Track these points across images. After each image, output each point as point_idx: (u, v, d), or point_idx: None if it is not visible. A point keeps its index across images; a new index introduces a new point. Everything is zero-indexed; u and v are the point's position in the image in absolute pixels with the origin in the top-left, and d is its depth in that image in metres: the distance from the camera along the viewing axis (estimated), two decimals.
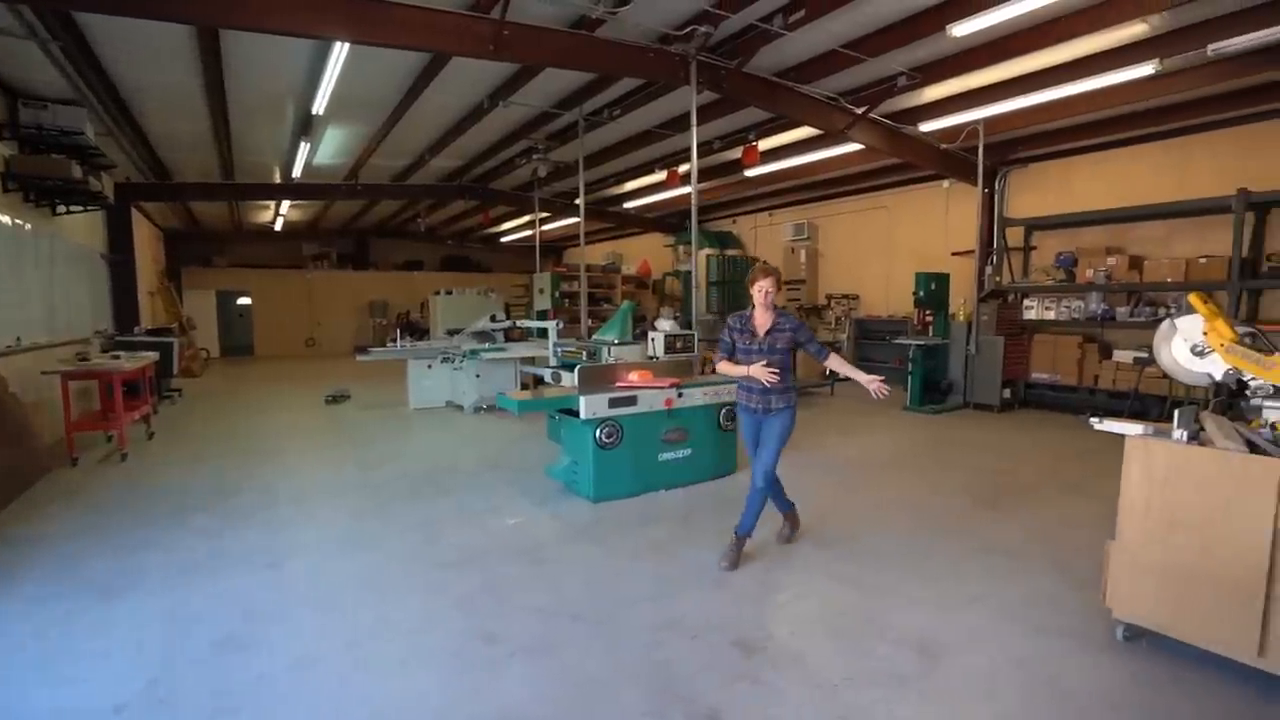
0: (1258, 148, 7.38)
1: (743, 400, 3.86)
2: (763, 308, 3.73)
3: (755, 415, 3.80)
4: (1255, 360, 2.69)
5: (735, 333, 3.81)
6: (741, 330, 3.80)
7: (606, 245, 19.12)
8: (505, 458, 6.29)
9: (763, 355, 3.70)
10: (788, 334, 3.74)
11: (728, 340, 3.85)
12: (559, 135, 9.78)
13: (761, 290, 3.69)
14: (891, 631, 2.97)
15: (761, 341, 3.72)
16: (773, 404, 3.73)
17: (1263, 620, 2.45)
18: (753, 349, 3.72)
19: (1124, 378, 7.96)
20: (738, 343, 3.80)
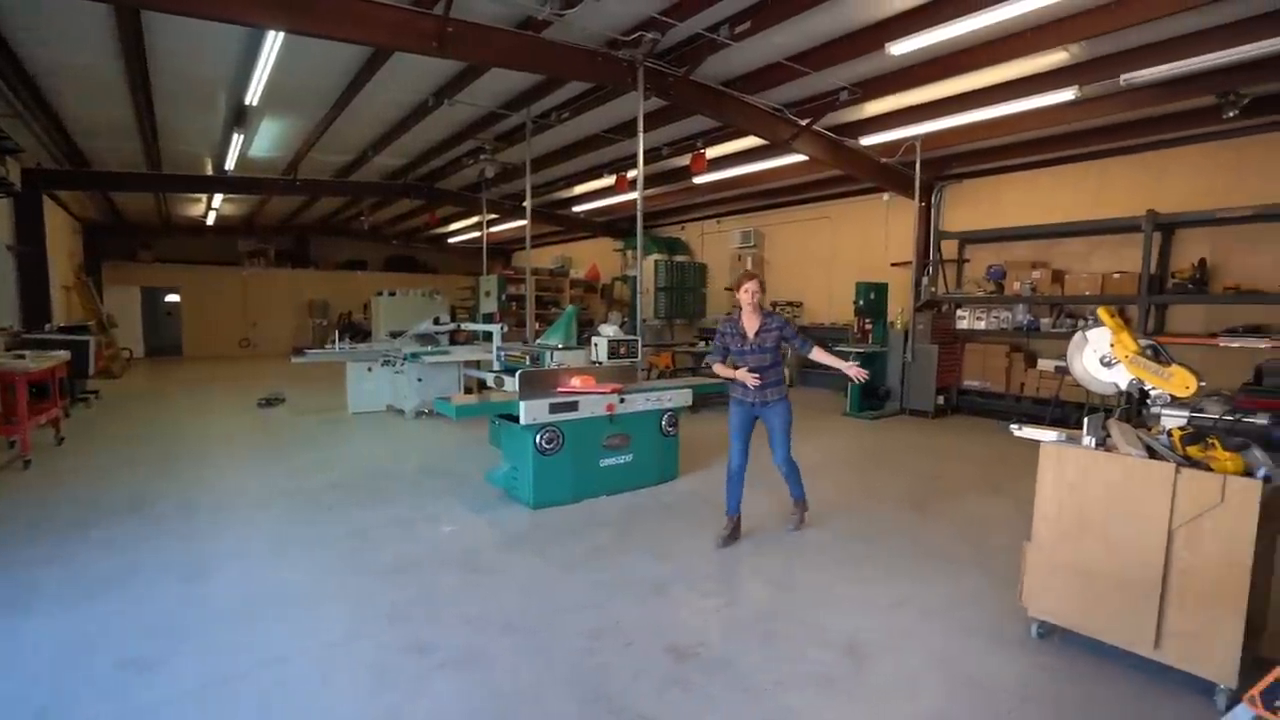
0: (1165, 172, 7.91)
1: (737, 395, 4.18)
2: (750, 309, 4.08)
3: (750, 408, 4.15)
4: (1154, 371, 2.86)
5: (727, 337, 4.15)
6: (732, 334, 4.13)
7: (556, 249, 19.00)
8: (445, 464, 6.15)
9: (754, 354, 4.05)
10: (775, 332, 4.08)
11: (720, 344, 4.19)
12: (507, 136, 9.67)
13: (749, 292, 4.03)
14: (822, 634, 3.02)
15: (751, 342, 4.06)
16: (769, 396, 4.10)
17: (1158, 615, 2.60)
18: (745, 350, 4.06)
19: (1046, 385, 8.38)
20: (730, 346, 4.13)
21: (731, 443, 4.23)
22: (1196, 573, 2.52)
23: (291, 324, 19.54)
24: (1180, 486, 2.53)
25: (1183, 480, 2.53)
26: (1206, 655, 2.51)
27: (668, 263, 13.32)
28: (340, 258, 20.99)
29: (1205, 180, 7.58)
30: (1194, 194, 7.54)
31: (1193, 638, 2.54)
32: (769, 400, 4.10)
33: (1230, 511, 2.43)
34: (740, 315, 4.16)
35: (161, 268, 17.98)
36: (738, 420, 4.19)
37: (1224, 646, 2.46)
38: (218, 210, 15.42)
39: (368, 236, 19.78)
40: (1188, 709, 2.50)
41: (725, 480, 4.24)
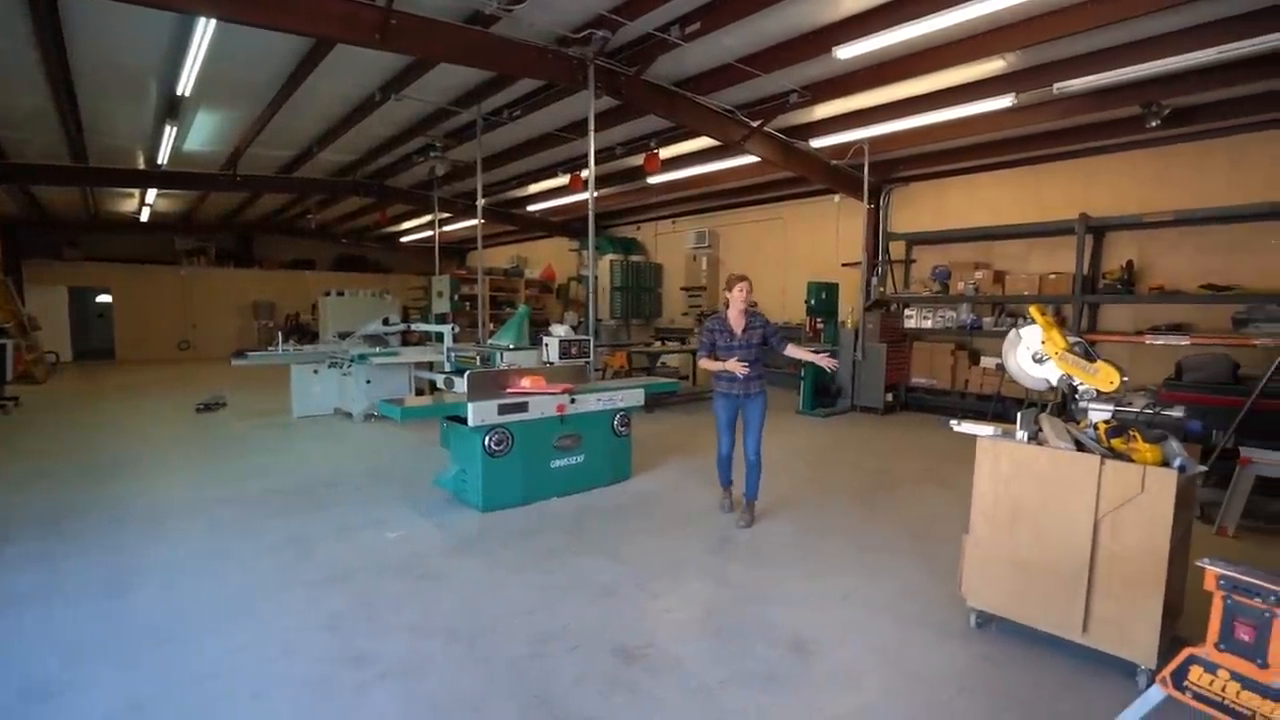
0: (1096, 178, 8.28)
1: (723, 389, 4.51)
2: (739, 309, 4.45)
3: (736, 399, 4.49)
4: (1082, 367, 2.98)
5: (715, 333, 4.48)
6: (720, 331, 4.47)
7: (511, 248, 18.78)
8: (394, 468, 5.99)
9: (741, 350, 4.40)
10: (759, 331, 4.47)
11: (708, 340, 4.50)
12: (458, 134, 9.50)
13: (743, 291, 4.44)
14: (770, 631, 3.04)
15: (739, 339, 4.42)
16: (752, 389, 4.47)
17: (1086, 602, 2.70)
18: (734, 345, 4.41)
19: (989, 382, 8.66)
20: (718, 341, 4.46)
21: (720, 433, 4.60)
22: (1120, 560, 2.63)
23: (235, 325, 18.78)
24: (1105, 478, 2.64)
25: (1107, 472, 2.63)
26: (1129, 638, 2.62)
27: (623, 263, 13.31)
28: (287, 257, 20.28)
29: (1131, 186, 7.96)
30: (1122, 199, 7.92)
31: (1116, 622, 2.65)
32: (752, 392, 4.46)
33: (1150, 500, 2.54)
34: (727, 313, 4.50)
35: (90, 266, 17.03)
36: (725, 413, 4.54)
37: (1144, 629, 2.58)
38: (151, 206, 14.69)
39: (316, 235, 19.17)
40: (1112, 690, 2.60)
41: (716, 465, 4.72)
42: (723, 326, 4.47)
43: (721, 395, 4.54)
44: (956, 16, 5.15)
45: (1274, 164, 7.05)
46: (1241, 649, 1.42)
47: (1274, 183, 6.93)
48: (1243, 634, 1.42)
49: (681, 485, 5.46)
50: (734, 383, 4.43)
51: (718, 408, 4.59)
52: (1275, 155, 7.05)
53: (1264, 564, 3.87)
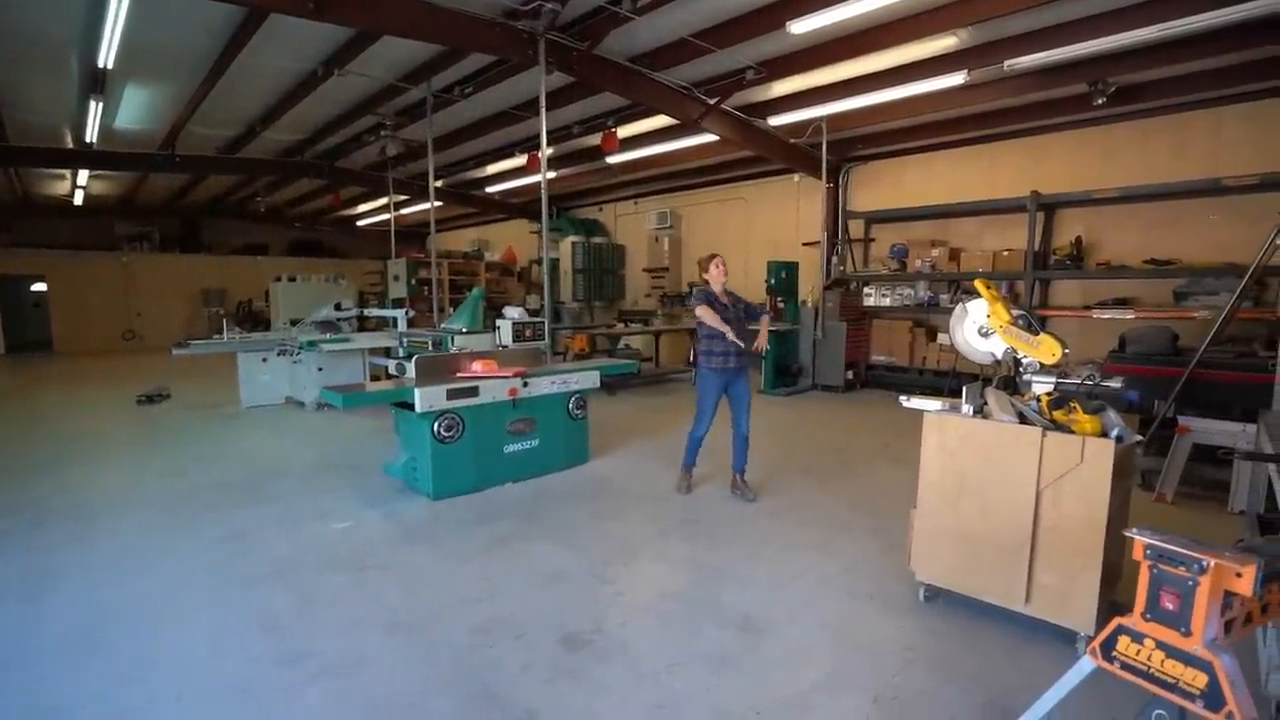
0: (1047, 155, 8.40)
1: (717, 364, 4.44)
2: (720, 286, 4.50)
3: (726, 375, 4.45)
4: (1026, 340, 2.99)
5: (711, 297, 4.46)
6: (713, 300, 4.46)
7: (472, 231, 18.40)
8: (345, 457, 5.81)
9: (735, 321, 4.41)
10: (743, 304, 4.61)
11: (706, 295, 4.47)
12: (409, 112, 9.19)
13: (718, 268, 4.50)
14: (721, 612, 3.02)
15: (729, 311, 4.45)
16: (743, 362, 4.49)
17: (1028, 571, 2.73)
18: (728, 317, 4.39)
19: (946, 358, 8.81)
20: (715, 306, 4.42)
21: (704, 410, 4.53)
22: (1060, 529, 2.66)
23: (183, 313, 18.04)
24: (1046, 449, 2.65)
25: (1048, 443, 2.65)
26: (1069, 606, 2.66)
27: (585, 245, 13.13)
28: (237, 241, 19.54)
29: (1080, 164, 8.10)
30: (1071, 176, 8.05)
31: (1057, 591, 2.68)
32: (743, 365, 4.48)
33: (1088, 470, 2.57)
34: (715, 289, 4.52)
35: (21, 253, 16.10)
36: (715, 388, 4.49)
37: (1083, 597, 2.61)
38: (85, 188, 13.95)
39: (267, 219, 18.52)
40: (1053, 658, 2.64)
41: (687, 445, 4.69)
42: (715, 299, 4.47)
43: (714, 372, 4.46)
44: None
45: (1212, 142, 7.23)
46: (1166, 617, 1.42)
47: (1213, 160, 7.11)
48: (1168, 602, 1.41)
49: (639, 468, 5.41)
50: (727, 357, 4.40)
51: (707, 386, 4.51)
52: (1213, 133, 7.23)
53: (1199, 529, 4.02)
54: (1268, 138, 6.79)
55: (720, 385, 4.48)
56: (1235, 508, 4.38)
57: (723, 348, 4.40)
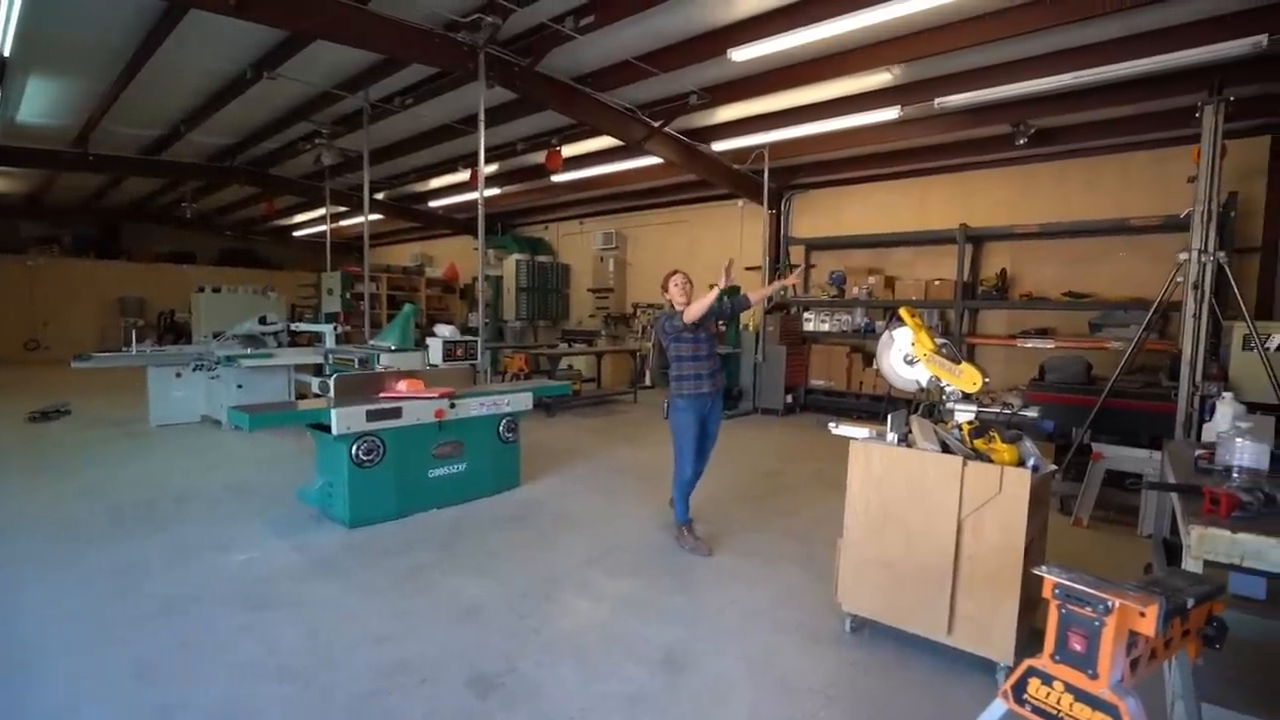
0: (975, 190, 8.77)
1: (690, 391, 3.94)
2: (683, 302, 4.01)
3: (703, 402, 3.98)
4: (948, 368, 3.02)
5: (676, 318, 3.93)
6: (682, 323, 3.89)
7: (414, 246, 17.96)
8: (260, 481, 5.44)
9: (707, 343, 4.02)
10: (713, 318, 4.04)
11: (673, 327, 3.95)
12: (347, 121, 8.91)
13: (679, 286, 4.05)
14: (642, 647, 2.89)
15: (700, 330, 3.96)
16: (718, 386, 4.09)
17: (950, 602, 2.72)
18: (700, 338, 3.97)
19: (882, 383, 8.98)
20: (684, 334, 3.94)
21: (683, 451, 4.03)
22: (980, 559, 2.66)
23: (97, 323, 16.84)
24: (967, 478, 2.66)
25: (969, 473, 2.65)
26: (989, 636, 2.65)
27: (529, 263, 12.96)
28: (162, 248, 18.49)
29: (1004, 199, 8.49)
30: (996, 211, 8.43)
31: (978, 621, 2.67)
32: (719, 390, 4.10)
33: (1007, 500, 2.58)
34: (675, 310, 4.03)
35: None
36: (693, 421, 3.99)
37: (1003, 627, 2.61)
38: None
39: (196, 226, 17.55)
40: (972, 689, 2.62)
41: (678, 494, 4.10)
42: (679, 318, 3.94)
43: (689, 401, 3.96)
44: (845, 25, 5.25)
45: (1121, 184, 7.71)
46: (1075, 659, 1.39)
47: (1121, 200, 7.57)
48: (1075, 644, 1.38)
49: (571, 493, 5.26)
50: (701, 380, 3.94)
51: (684, 422, 3.97)
52: (1122, 175, 7.71)
53: (1113, 552, 4.13)
54: (1169, 182, 7.24)
55: (699, 416, 3.99)
56: (1144, 531, 4.55)
57: (695, 370, 3.94)
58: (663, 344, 4.08)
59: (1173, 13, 5.14)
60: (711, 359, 4.05)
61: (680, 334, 3.96)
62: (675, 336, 3.98)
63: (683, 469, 4.07)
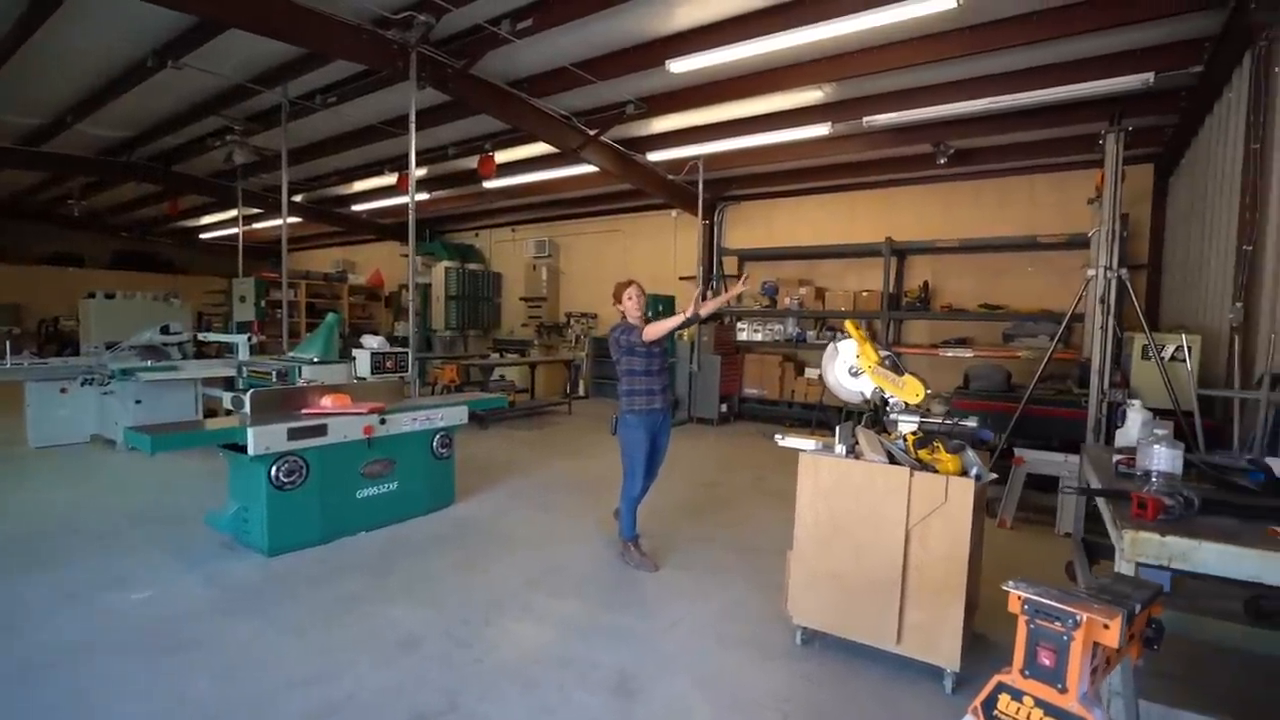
0: (899, 206, 9.18)
1: (641, 406, 3.86)
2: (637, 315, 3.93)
3: (654, 417, 3.90)
4: (891, 380, 3.08)
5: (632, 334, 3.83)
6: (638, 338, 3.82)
7: (336, 251, 17.11)
8: (162, 507, 4.94)
9: (659, 357, 3.94)
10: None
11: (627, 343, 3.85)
12: (263, 117, 8.37)
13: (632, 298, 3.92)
14: (592, 673, 2.78)
15: (653, 344, 3.86)
16: (669, 401, 4.03)
17: (899, 612, 2.75)
18: (654, 351, 3.89)
19: (814, 391, 9.23)
20: (637, 348, 3.84)
21: (634, 466, 3.94)
22: (927, 568, 2.70)
23: None
24: (914, 489, 2.70)
25: (916, 483, 2.70)
26: (936, 644, 2.70)
27: (460, 270, 12.59)
28: (45, 249, 16.81)
29: (926, 215, 8.93)
30: (918, 226, 8.84)
31: (926, 629, 2.72)
32: (668, 405, 4.03)
33: (952, 509, 2.64)
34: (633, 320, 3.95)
35: None
36: (643, 438, 3.91)
37: (949, 634, 2.67)
38: None
39: (85, 225, 16.10)
40: (922, 696, 2.66)
41: (626, 509, 4.01)
42: (635, 333, 3.85)
43: (640, 416, 3.87)
44: (779, 42, 5.36)
45: (1029, 203, 8.26)
46: (1044, 674, 1.39)
47: (1030, 219, 8.10)
48: (1045, 659, 1.39)
49: (509, 509, 5.07)
50: (653, 395, 3.86)
51: (635, 438, 3.89)
52: (1029, 196, 8.27)
53: (1035, 550, 4.33)
54: (1070, 203, 7.79)
55: (649, 431, 3.91)
56: (1061, 530, 4.83)
57: (646, 385, 3.86)
58: (613, 356, 3.97)
59: (1077, 48, 5.53)
60: (663, 374, 4.00)
61: (634, 348, 3.88)
62: (628, 350, 3.89)
63: (632, 485, 3.99)
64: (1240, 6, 4.44)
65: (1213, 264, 5.27)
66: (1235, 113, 4.94)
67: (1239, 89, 4.89)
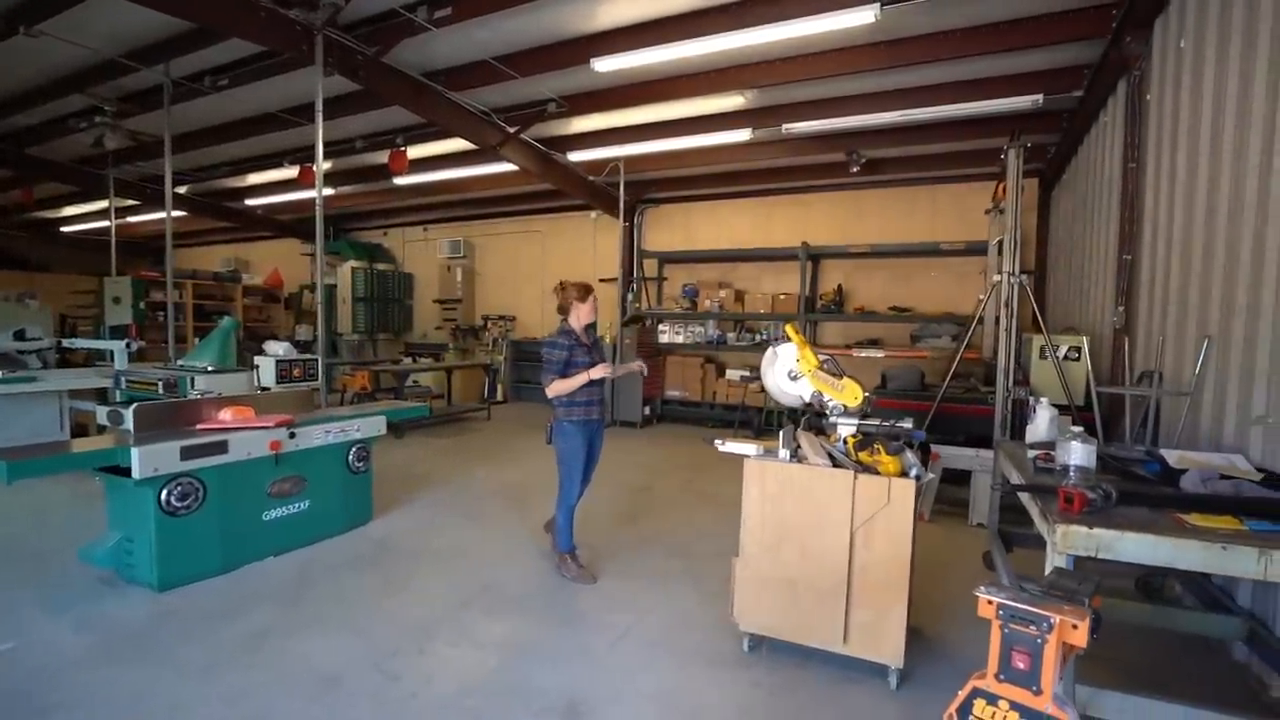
0: (813, 211, 9.51)
1: (580, 415, 3.82)
2: (586, 324, 3.90)
3: (591, 427, 3.89)
4: (831, 383, 3.12)
5: (570, 349, 3.79)
6: (576, 345, 3.82)
7: (228, 249, 15.77)
8: (25, 542, 4.29)
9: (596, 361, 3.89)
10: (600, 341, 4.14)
11: (561, 357, 3.77)
12: (142, 98, 7.54)
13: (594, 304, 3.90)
14: (538, 699, 2.63)
15: (594, 352, 3.91)
16: (603, 412, 4.03)
17: (845, 613, 2.79)
18: (594, 360, 3.86)
19: (734, 393, 9.39)
20: (576, 357, 3.79)
21: (571, 474, 3.86)
22: (871, 568, 2.75)
23: None
24: (858, 491, 2.74)
25: (859, 485, 2.74)
26: (881, 642, 2.75)
27: (368, 271, 11.92)
28: None
29: (839, 220, 9.30)
30: (832, 230, 9.20)
31: (871, 628, 2.76)
32: (603, 416, 4.05)
33: (894, 510, 2.70)
34: (576, 326, 3.89)
35: None
36: (580, 445, 3.86)
37: (893, 632, 2.72)
38: None
39: None
40: (869, 694, 2.70)
41: (563, 520, 3.91)
42: (577, 342, 3.81)
43: (579, 425, 3.80)
44: (701, 47, 5.38)
45: (931, 211, 8.78)
46: (1019, 678, 1.41)
47: (933, 226, 8.62)
48: (1019, 662, 1.41)
49: (433, 524, 4.80)
50: (591, 406, 3.84)
51: (572, 445, 3.81)
52: (932, 205, 8.79)
53: (951, 541, 4.56)
54: (968, 212, 8.34)
55: (585, 440, 3.86)
56: (973, 521, 5.12)
57: (586, 396, 3.80)
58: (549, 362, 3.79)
59: (978, 68, 5.93)
60: (602, 383, 3.92)
61: (574, 354, 3.80)
62: (568, 360, 3.79)
63: (569, 495, 3.89)
64: (1116, 39, 4.87)
65: (1095, 271, 5.78)
66: (1112, 133, 5.44)
67: (1114, 112, 5.39)
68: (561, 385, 3.73)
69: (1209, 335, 3.45)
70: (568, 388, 3.73)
